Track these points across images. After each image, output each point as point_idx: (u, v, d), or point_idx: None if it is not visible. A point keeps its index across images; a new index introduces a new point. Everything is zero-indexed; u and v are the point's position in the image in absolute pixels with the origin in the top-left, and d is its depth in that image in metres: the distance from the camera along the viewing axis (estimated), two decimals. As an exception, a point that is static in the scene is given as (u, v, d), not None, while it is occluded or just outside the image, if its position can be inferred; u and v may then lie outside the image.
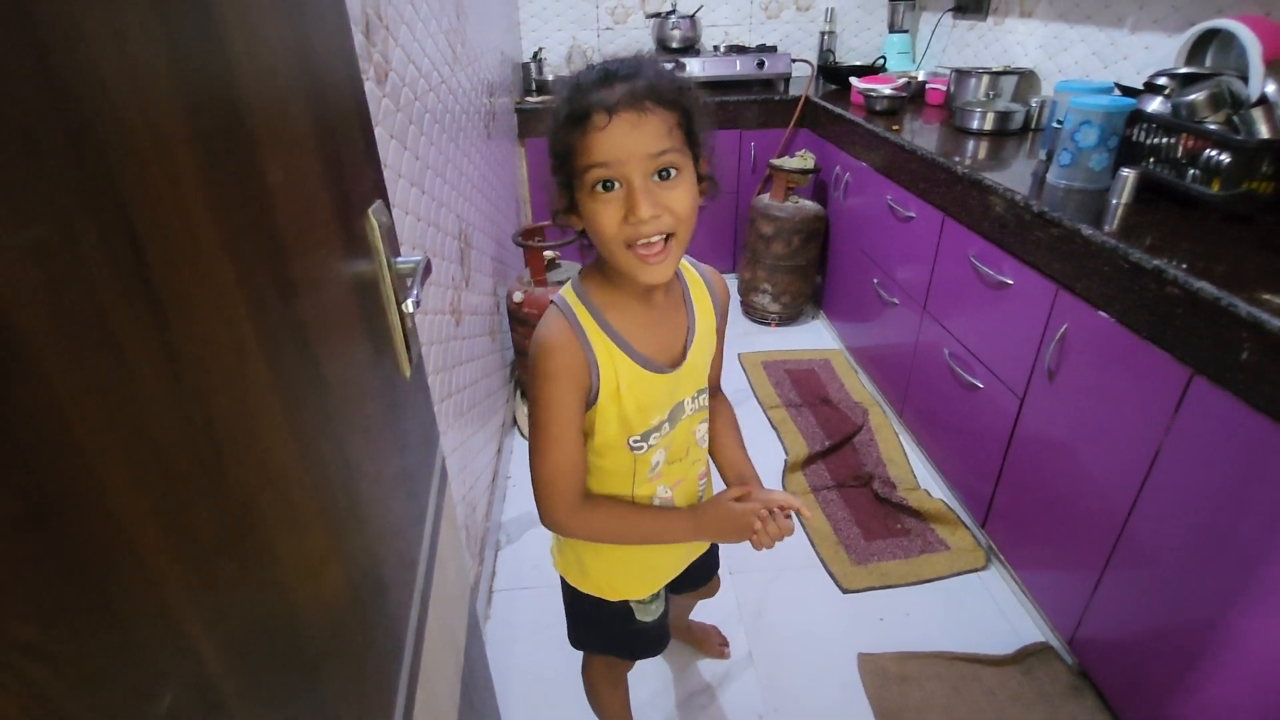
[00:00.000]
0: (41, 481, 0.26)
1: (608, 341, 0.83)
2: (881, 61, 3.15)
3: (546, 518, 0.87)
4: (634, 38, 3.43)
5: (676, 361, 0.88)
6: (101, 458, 0.29)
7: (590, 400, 0.84)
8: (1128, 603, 1.32)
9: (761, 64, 3.18)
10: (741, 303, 3.00)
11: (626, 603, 1.04)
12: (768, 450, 2.16)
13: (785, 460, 2.10)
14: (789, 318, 2.94)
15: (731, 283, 3.27)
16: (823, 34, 3.41)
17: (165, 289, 0.35)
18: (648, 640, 1.11)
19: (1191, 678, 1.18)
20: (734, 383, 2.52)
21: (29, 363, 0.26)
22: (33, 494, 0.26)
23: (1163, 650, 1.24)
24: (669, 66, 0.77)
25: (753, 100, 3.05)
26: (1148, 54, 1.94)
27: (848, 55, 3.45)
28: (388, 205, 0.74)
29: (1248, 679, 1.08)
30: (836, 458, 2.12)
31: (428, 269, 0.72)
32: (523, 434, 2.29)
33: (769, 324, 2.94)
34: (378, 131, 1.05)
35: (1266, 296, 1.07)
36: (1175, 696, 1.21)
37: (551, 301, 0.86)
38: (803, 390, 2.45)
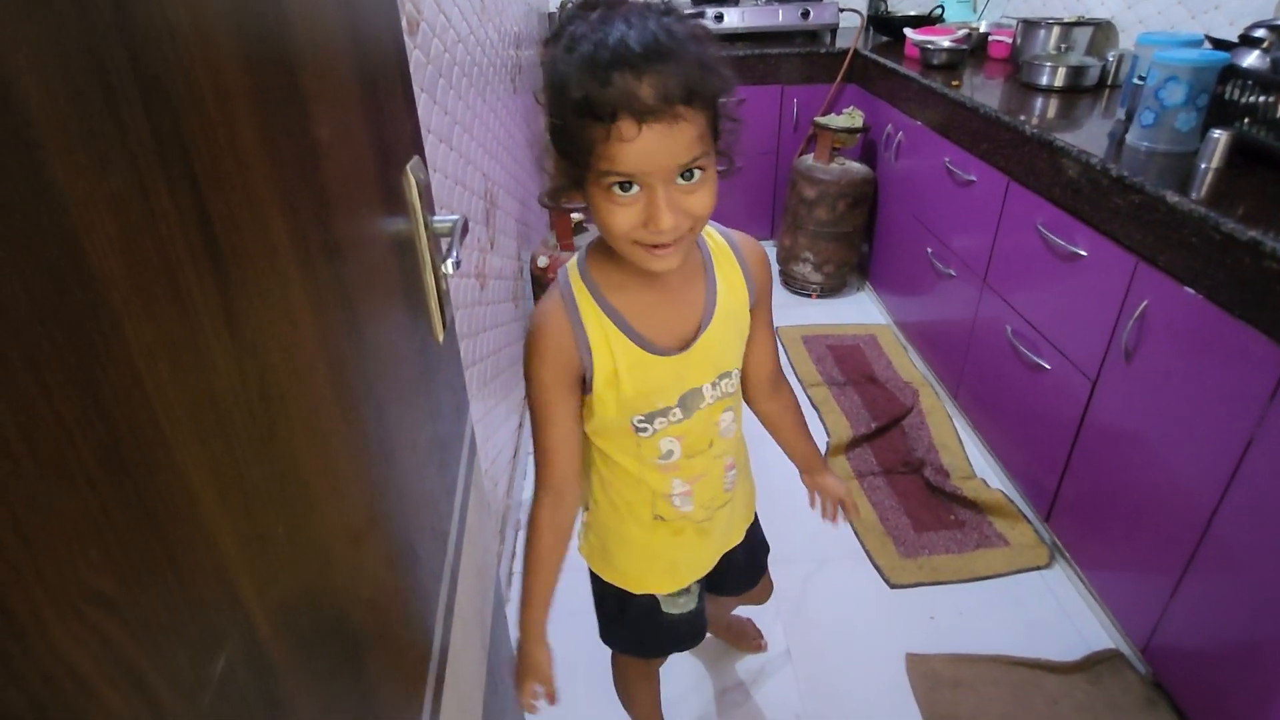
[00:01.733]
0: (117, 433, 0.27)
1: (605, 321, 0.82)
2: (939, 11, 3.07)
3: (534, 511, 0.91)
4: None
5: (686, 343, 0.85)
6: (169, 411, 0.30)
7: (585, 384, 0.84)
8: (1210, 610, 1.31)
9: (806, 14, 3.12)
10: (780, 272, 2.97)
11: (653, 595, 1.04)
12: (811, 430, 2.16)
13: (828, 443, 2.09)
14: (832, 289, 2.91)
15: (770, 251, 3.24)
16: (877, -21, 3.33)
17: (226, 244, 0.35)
18: (677, 635, 1.10)
19: (1277, 695, 1.17)
20: (772, 360, 2.52)
21: (108, 315, 0.26)
22: (109, 446, 0.27)
23: (1247, 663, 1.22)
24: (696, 18, 0.72)
25: (796, 53, 2.99)
26: (1243, 3, 1.87)
27: (901, 4, 3.36)
28: (425, 161, 0.74)
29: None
30: (884, 441, 2.11)
31: (465, 229, 0.72)
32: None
33: (810, 295, 2.91)
34: (407, 83, 1.05)
35: (1377, 271, 1.04)
36: (1260, 714, 1.20)
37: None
38: (846, 368, 2.43)
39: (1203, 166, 1.47)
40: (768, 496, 1.29)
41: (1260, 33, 1.52)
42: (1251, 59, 1.51)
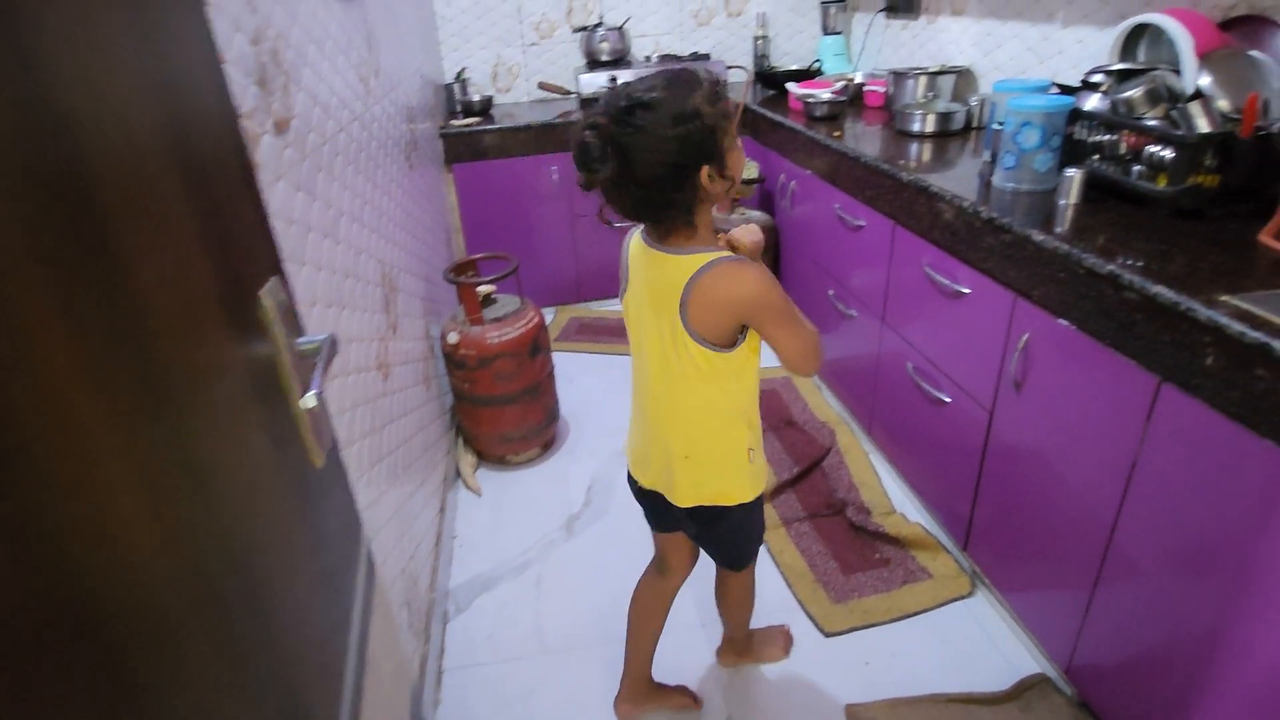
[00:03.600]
0: None
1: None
2: (818, 65, 3.21)
3: (816, 366, 1.16)
4: (561, 52, 3.44)
5: None
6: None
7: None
8: (1121, 623, 1.34)
9: (617, 82, 3.20)
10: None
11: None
12: (733, 482, 2.16)
13: (752, 492, 2.08)
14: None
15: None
16: (756, 39, 3.47)
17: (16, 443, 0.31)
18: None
19: (1193, 697, 1.19)
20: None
21: None
22: None
23: (1161, 671, 1.25)
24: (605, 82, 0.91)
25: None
26: (1081, 48, 2.02)
27: (783, 60, 3.52)
28: (284, 281, 0.70)
29: (1249, 692, 1.10)
30: (806, 485, 2.11)
31: (333, 348, 0.68)
32: (468, 485, 2.23)
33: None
34: (280, 186, 1.00)
35: (1224, 298, 1.10)
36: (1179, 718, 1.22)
37: (720, 261, 1.05)
38: (766, 413, 2.44)
39: (1062, 203, 1.55)
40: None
41: (1098, 77, 1.63)
42: (1093, 102, 1.62)
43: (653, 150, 0.97)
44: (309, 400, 0.59)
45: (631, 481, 1.34)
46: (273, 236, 0.70)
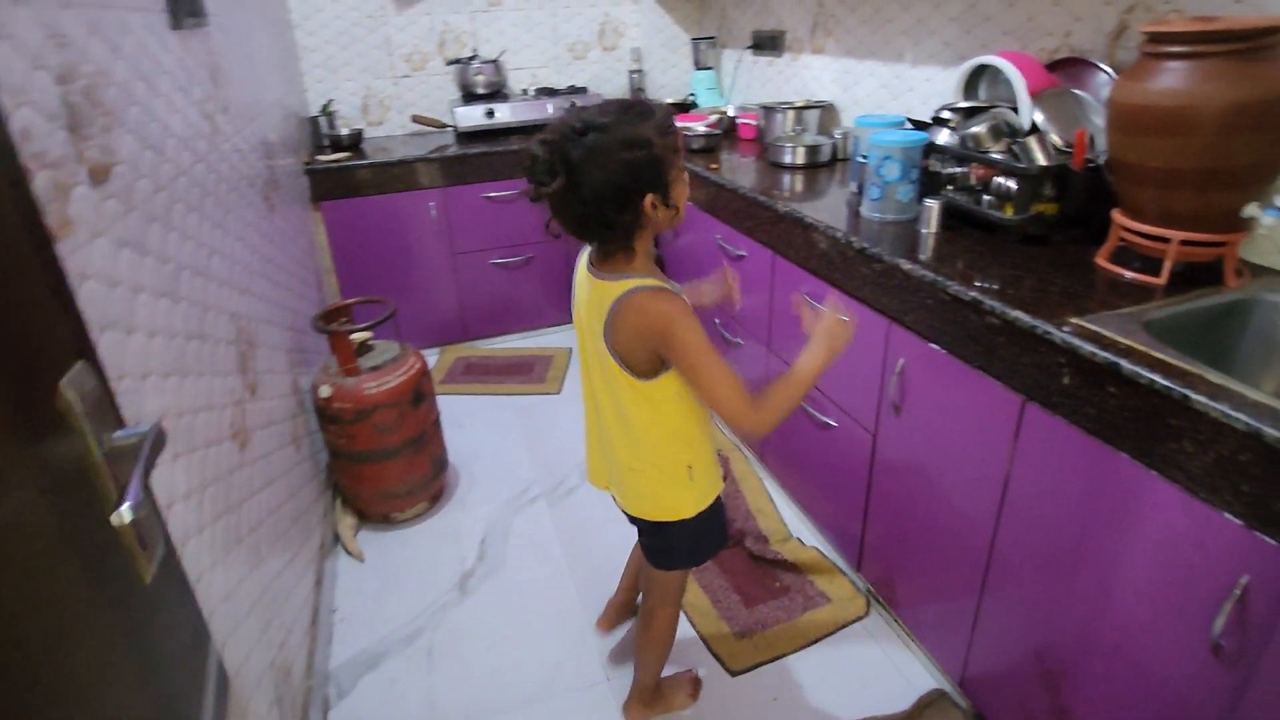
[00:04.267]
0: None
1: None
2: (692, 98, 3.28)
3: (746, 425, 1.11)
4: (435, 84, 3.35)
5: None
6: None
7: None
8: (1006, 632, 1.39)
9: (574, 106, 3.20)
10: (583, 357, 2.96)
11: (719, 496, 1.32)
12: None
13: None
14: (635, 367, 2.93)
15: (571, 336, 3.21)
16: (631, 73, 3.51)
17: None
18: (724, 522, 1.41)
19: (1073, 698, 1.24)
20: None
21: None
22: None
23: (1045, 674, 1.30)
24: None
25: (567, 144, 3.04)
26: (930, 86, 2.14)
27: (659, 93, 3.57)
28: (95, 364, 0.60)
29: (1121, 688, 1.15)
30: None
31: (160, 440, 0.58)
32: (349, 551, 2.07)
33: (615, 377, 2.91)
34: (99, 244, 0.88)
35: (1074, 320, 1.17)
36: (1058, 722, 1.27)
37: (638, 290, 1.08)
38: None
39: (923, 231, 1.63)
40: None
41: (947, 114, 1.73)
42: (944, 137, 1.71)
43: (600, 171, 1.00)
44: (124, 514, 0.50)
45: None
46: (78, 311, 0.60)
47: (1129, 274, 1.34)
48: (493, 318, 3.24)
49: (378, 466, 2.04)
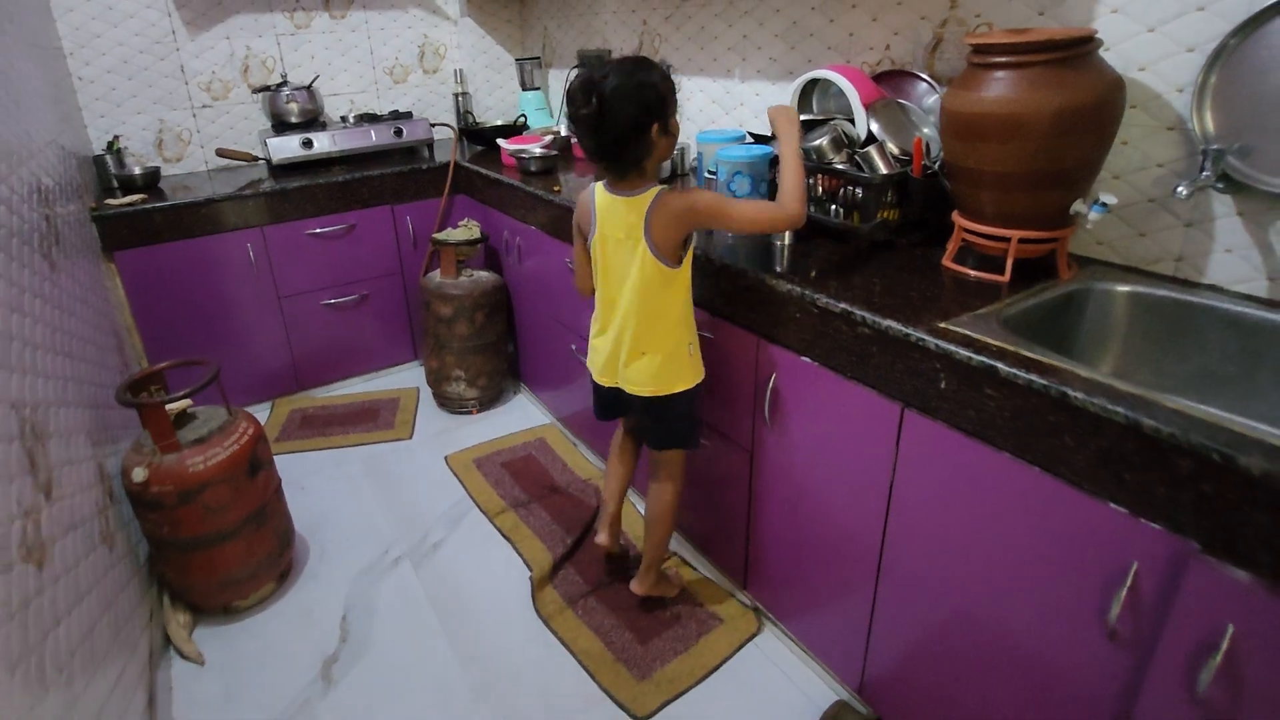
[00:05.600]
0: None
1: None
2: (523, 119, 3.12)
3: (787, 219, 1.38)
4: (241, 114, 2.95)
5: None
6: None
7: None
8: (902, 637, 1.35)
9: (399, 131, 2.95)
10: (434, 395, 2.70)
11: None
12: (507, 570, 1.91)
13: (531, 578, 1.86)
14: (490, 400, 2.72)
15: (418, 374, 2.94)
16: (456, 95, 3.29)
17: None
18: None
19: (970, 692, 1.22)
20: (450, 494, 2.22)
21: None
22: None
23: (941, 672, 1.28)
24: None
25: (398, 171, 2.79)
26: (760, 99, 2.14)
27: (487, 115, 3.38)
28: None
29: (1014, 680, 1.14)
30: (584, 554, 1.95)
31: None
32: (184, 654, 1.70)
33: (470, 412, 2.69)
34: None
35: (943, 325, 1.14)
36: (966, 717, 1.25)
37: (665, 189, 1.42)
38: (526, 482, 2.25)
39: (778, 243, 1.58)
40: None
41: (787, 127, 1.70)
42: (787, 149, 1.68)
43: (620, 102, 1.30)
44: None
45: (595, 385, 1.64)
46: None
47: (974, 273, 1.36)
48: (330, 363, 2.90)
49: (211, 552, 1.71)
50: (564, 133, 2.77)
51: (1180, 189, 1.16)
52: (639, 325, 1.47)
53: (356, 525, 2.11)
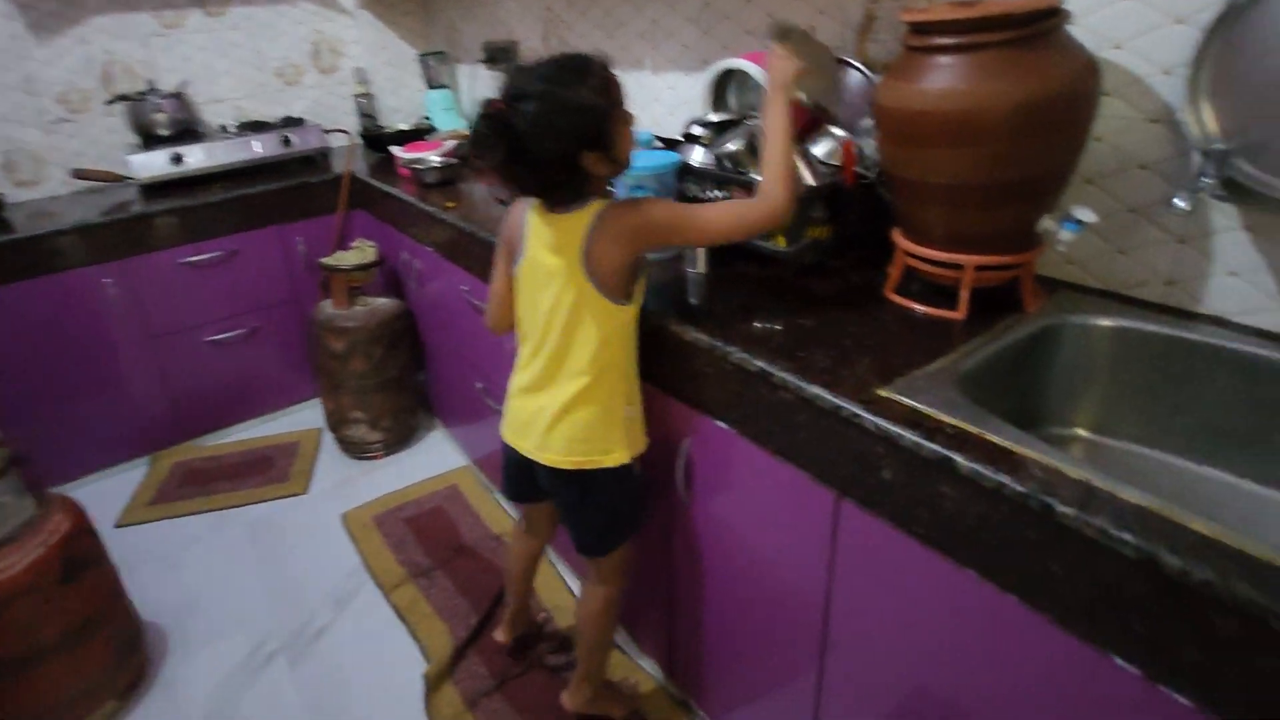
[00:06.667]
0: None
1: None
2: (428, 122, 2.77)
3: (767, 213, 1.02)
4: (105, 128, 2.55)
5: None
6: None
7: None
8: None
9: (287, 140, 2.58)
10: (336, 440, 2.36)
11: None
12: (400, 661, 1.59)
13: (425, 675, 1.53)
14: (399, 441, 2.37)
15: (316, 414, 2.56)
16: (358, 97, 2.92)
17: None
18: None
19: None
20: (343, 563, 1.89)
21: None
22: None
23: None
24: None
25: (290, 186, 2.43)
26: (674, 94, 1.83)
27: (391, 117, 3.01)
28: None
29: None
30: (492, 633, 1.64)
31: None
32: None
33: (375, 456, 2.34)
34: None
35: (884, 393, 0.86)
36: None
37: (610, 203, 1.07)
38: (431, 544, 1.92)
39: (692, 272, 1.28)
40: None
41: (698, 129, 1.40)
42: (698, 156, 1.38)
43: (539, 138, 0.97)
44: None
45: (507, 452, 1.28)
46: None
47: (921, 308, 1.07)
48: (219, 407, 2.52)
49: (23, 678, 1.37)
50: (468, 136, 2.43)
51: (1178, 201, 0.89)
52: (565, 372, 1.13)
53: (230, 610, 1.77)
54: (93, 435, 2.31)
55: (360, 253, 2.25)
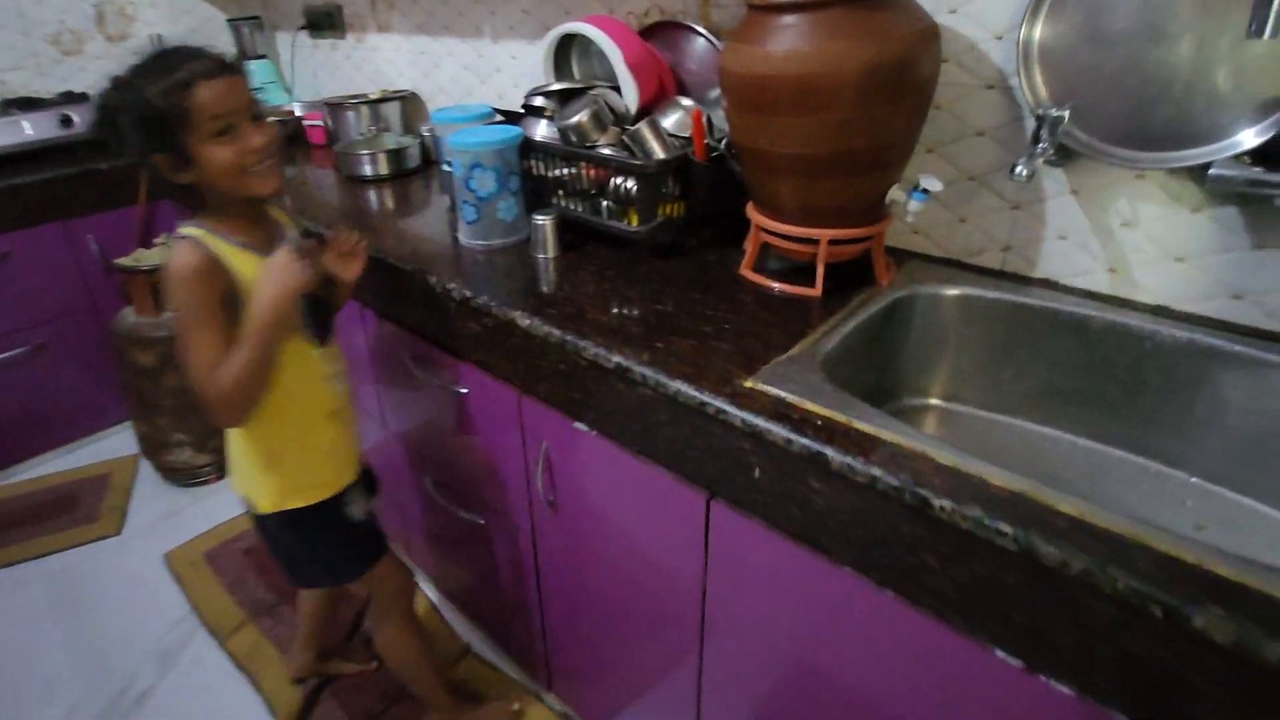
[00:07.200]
0: None
1: (233, 248, 0.93)
2: (244, 98, 2.43)
3: (205, 396, 0.89)
4: None
5: None
6: None
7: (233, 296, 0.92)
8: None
9: (68, 120, 2.17)
10: (155, 467, 2.03)
11: (338, 498, 1.09)
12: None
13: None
14: (240, 457, 2.09)
15: (128, 440, 2.19)
16: (154, 70, 2.51)
17: None
18: (369, 536, 1.16)
19: None
20: (168, 612, 1.62)
21: None
22: None
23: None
24: None
25: (74, 174, 2.04)
26: (517, 64, 1.68)
27: (199, 94, 2.62)
28: None
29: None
30: (353, 673, 1.46)
31: None
32: None
33: (207, 481, 2.04)
34: None
35: (749, 384, 0.78)
36: None
37: (179, 239, 0.92)
38: (276, 574, 1.69)
39: (541, 258, 1.16)
40: None
41: (540, 100, 1.26)
42: (542, 129, 1.25)
43: (114, 131, 0.88)
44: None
45: None
46: None
47: (778, 285, 1.01)
48: (5, 440, 2.11)
49: None
50: (298, 112, 2.14)
51: (1019, 168, 0.86)
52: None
53: (30, 680, 1.47)
54: None
55: (164, 250, 1.93)
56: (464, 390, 1.16)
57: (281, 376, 0.96)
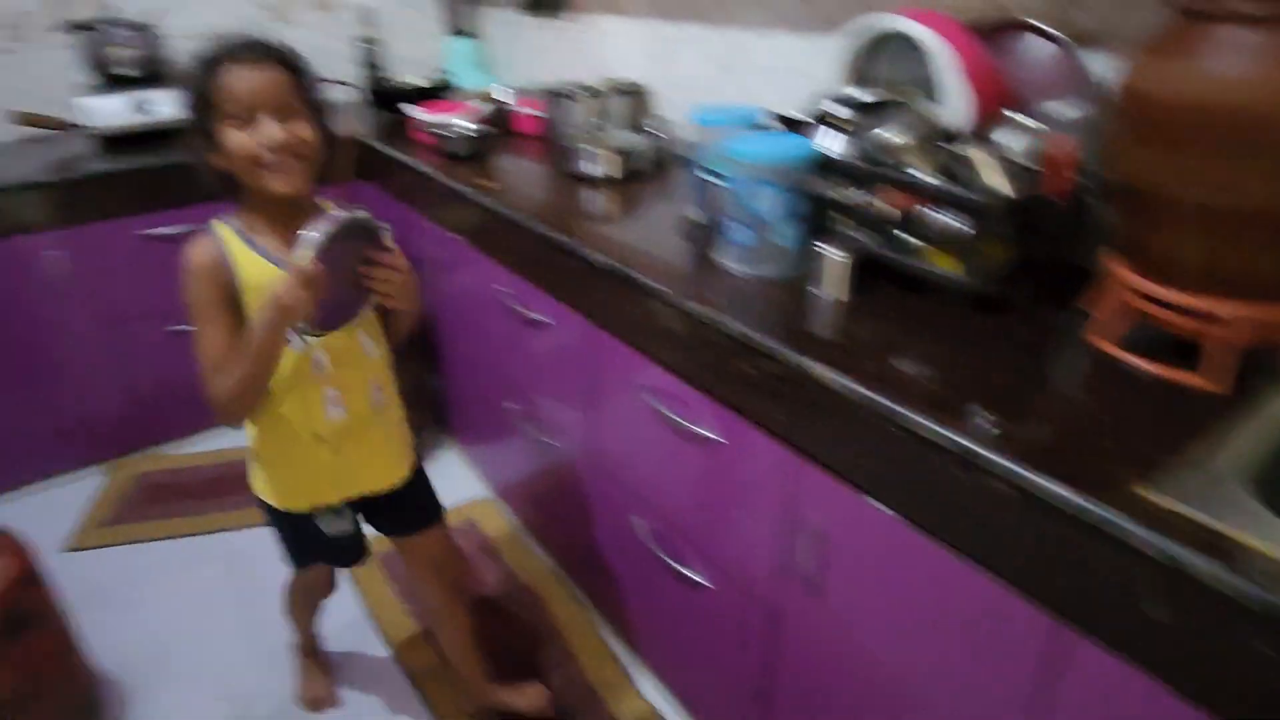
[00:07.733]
0: None
1: (245, 249, 1.07)
2: (447, 78, 2.60)
3: (208, 392, 1.05)
4: (51, 62, 2.37)
5: None
6: None
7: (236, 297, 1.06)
8: None
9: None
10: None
11: (310, 516, 1.23)
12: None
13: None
14: (408, 458, 2.22)
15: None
16: (361, 43, 2.74)
17: None
18: (340, 549, 1.31)
19: None
20: (343, 611, 1.72)
21: None
22: None
23: None
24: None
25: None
26: (778, 59, 1.66)
27: (400, 69, 2.82)
28: None
29: None
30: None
31: None
32: None
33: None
34: None
35: (1144, 493, 0.70)
36: None
37: (204, 230, 1.08)
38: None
39: (822, 298, 1.12)
40: None
41: (838, 110, 1.21)
42: (838, 145, 1.20)
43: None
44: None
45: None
46: None
47: (1148, 366, 0.91)
48: (186, 409, 2.34)
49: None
50: (499, 97, 2.25)
51: None
52: None
53: (206, 666, 1.62)
54: (34, 437, 2.15)
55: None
56: (719, 438, 1.14)
57: (272, 395, 1.10)
